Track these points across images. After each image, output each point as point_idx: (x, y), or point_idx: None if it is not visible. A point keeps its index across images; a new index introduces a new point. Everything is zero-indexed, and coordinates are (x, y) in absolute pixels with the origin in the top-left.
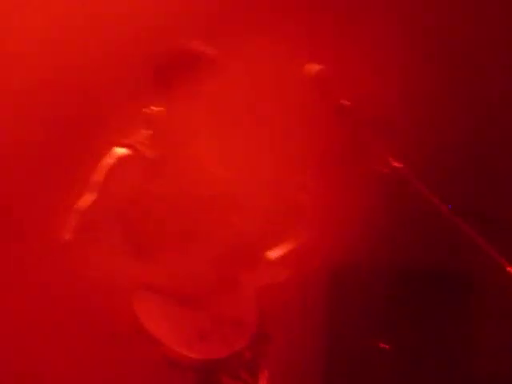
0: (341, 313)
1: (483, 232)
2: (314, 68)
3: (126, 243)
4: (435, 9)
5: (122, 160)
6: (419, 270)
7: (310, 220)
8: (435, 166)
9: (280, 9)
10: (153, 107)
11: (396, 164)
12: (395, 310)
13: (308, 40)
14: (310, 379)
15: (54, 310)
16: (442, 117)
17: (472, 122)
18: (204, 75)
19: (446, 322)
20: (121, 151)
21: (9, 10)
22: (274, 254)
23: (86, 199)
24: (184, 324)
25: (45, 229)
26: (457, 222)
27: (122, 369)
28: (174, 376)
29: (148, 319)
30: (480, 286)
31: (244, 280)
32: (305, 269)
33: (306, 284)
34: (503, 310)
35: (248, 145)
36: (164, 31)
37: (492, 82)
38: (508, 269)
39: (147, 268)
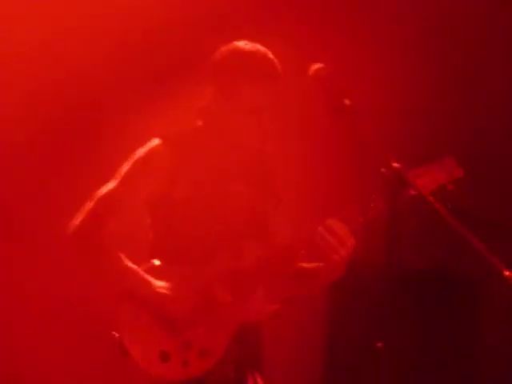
0: (339, 315)
1: (482, 234)
2: (314, 66)
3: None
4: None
5: (151, 153)
6: (417, 272)
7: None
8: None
9: (281, 8)
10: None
11: (395, 165)
12: (394, 312)
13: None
14: (308, 380)
15: (54, 310)
16: (443, 117)
17: (473, 121)
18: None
19: (445, 324)
20: (155, 143)
21: (11, 12)
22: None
23: (107, 186)
24: (152, 341)
25: (45, 229)
26: (456, 224)
27: (122, 368)
28: None
29: (125, 328)
30: (479, 288)
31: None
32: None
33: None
34: (502, 311)
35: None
36: (168, 32)
37: (493, 82)
38: (505, 273)
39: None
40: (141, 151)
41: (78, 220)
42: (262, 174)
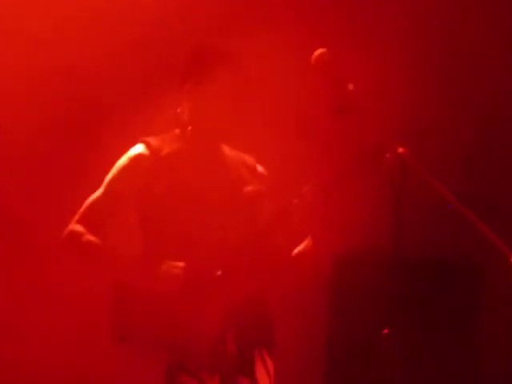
0: (343, 301)
1: (487, 219)
2: (317, 51)
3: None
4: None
5: (134, 158)
6: (422, 258)
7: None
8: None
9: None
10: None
11: (400, 149)
12: (398, 298)
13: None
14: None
15: (55, 310)
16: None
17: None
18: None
19: (450, 310)
20: (137, 149)
21: (11, 11)
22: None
23: (96, 194)
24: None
25: (45, 229)
26: (461, 209)
27: (122, 368)
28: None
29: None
30: (484, 275)
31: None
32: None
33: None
34: (506, 298)
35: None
36: (168, 31)
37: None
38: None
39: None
40: (123, 157)
41: (69, 226)
42: (238, 166)
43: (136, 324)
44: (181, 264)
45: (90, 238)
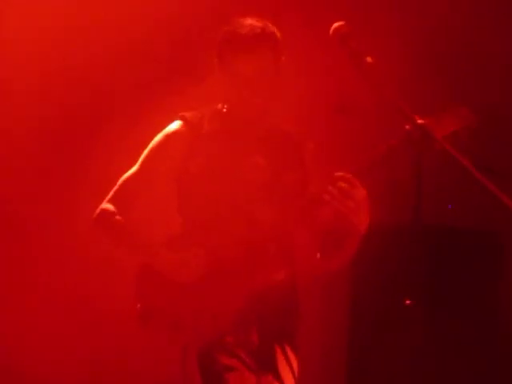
0: (365, 275)
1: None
2: (335, 24)
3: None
4: None
5: (171, 135)
6: (442, 229)
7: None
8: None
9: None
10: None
11: (420, 121)
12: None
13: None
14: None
15: (55, 310)
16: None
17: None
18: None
19: (473, 282)
20: (175, 125)
21: (14, 12)
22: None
23: (131, 171)
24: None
25: (45, 229)
26: (481, 178)
27: (123, 367)
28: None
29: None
30: (505, 245)
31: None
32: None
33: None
34: None
35: None
36: (168, 29)
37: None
38: None
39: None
40: (160, 133)
41: (101, 205)
42: (282, 148)
43: (160, 308)
44: (201, 252)
45: (119, 218)
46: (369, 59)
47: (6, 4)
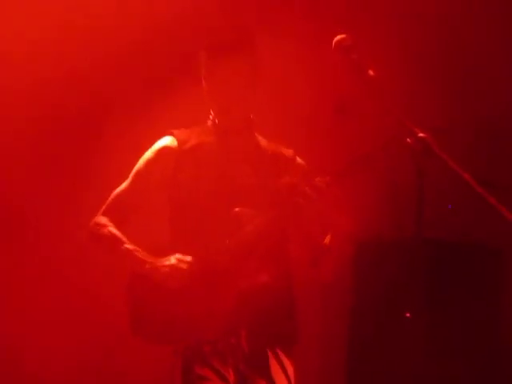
0: (365, 286)
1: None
2: (337, 37)
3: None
4: None
5: (160, 150)
6: (443, 241)
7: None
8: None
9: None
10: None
11: (421, 134)
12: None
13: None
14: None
15: (55, 310)
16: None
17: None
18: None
19: (472, 293)
20: (164, 141)
21: (12, 11)
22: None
23: (123, 185)
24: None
25: (45, 229)
26: (482, 192)
27: (123, 368)
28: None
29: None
30: (505, 258)
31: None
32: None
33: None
34: None
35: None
36: (167, 31)
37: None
38: None
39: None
40: (150, 149)
41: (95, 218)
42: (266, 156)
43: (150, 316)
44: (188, 258)
45: (112, 229)
46: (371, 72)
47: (5, 4)
